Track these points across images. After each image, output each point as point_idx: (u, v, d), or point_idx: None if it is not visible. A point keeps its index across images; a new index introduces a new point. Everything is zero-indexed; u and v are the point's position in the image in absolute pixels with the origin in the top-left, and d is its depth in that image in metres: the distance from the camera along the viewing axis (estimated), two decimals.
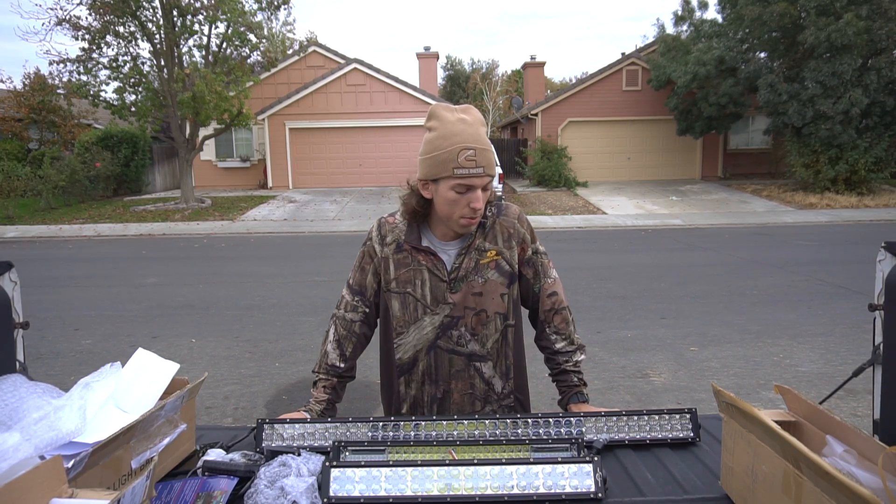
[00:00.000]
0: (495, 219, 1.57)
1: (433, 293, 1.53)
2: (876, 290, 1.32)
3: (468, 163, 1.40)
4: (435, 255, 1.53)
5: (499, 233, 1.56)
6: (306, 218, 14.91)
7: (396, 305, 1.56)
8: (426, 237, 1.56)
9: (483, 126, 1.46)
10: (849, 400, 3.84)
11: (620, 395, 4.08)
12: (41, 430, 1.07)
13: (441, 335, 1.54)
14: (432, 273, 1.53)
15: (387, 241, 1.58)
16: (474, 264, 1.53)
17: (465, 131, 1.41)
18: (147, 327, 5.94)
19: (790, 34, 14.96)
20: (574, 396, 1.60)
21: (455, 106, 1.48)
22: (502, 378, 1.61)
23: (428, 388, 1.59)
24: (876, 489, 0.92)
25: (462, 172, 1.40)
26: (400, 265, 1.55)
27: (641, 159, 21.15)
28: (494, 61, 55.99)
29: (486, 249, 1.54)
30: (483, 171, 1.41)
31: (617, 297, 6.79)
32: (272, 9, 16.16)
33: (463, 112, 1.45)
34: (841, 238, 10.88)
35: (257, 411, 3.95)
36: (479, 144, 1.41)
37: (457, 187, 1.42)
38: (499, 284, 1.54)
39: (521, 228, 1.58)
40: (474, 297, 1.53)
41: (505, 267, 1.55)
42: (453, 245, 1.55)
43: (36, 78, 20.66)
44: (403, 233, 1.56)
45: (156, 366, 1.35)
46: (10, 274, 1.38)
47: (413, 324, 1.55)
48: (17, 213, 15.09)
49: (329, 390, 1.62)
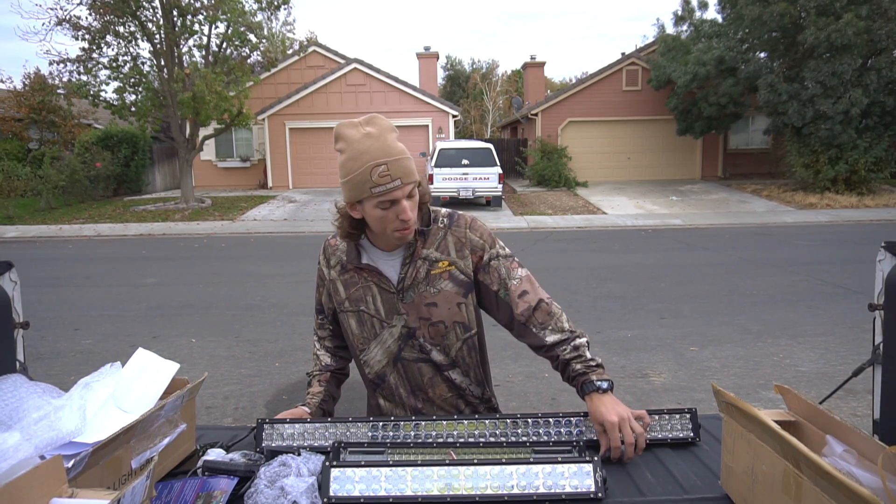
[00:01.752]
0: (447, 230, 1.54)
1: (385, 306, 1.53)
2: (876, 290, 1.32)
3: (383, 179, 1.35)
4: (377, 271, 1.52)
5: (451, 243, 1.53)
6: (306, 218, 14.91)
7: (353, 323, 1.57)
8: (367, 254, 1.55)
9: (392, 133, 1.41)
10: (849, 400, 3.84)
11: (620, 395, 4.04)
12: (41, 430, 1.07)
13: (403, 346, 1.54)
14: (380, 287, 1.52)
15: (331, 263, 1.60)
16: (424, 274, 1.51)
17: (373, 147, 1.36)
18: (147, 327, 5.95)
19: (790, 34, 14.96)
20: (584, 387, 1.40)
21: (357, 120, 1.42)
22: (477, 384, 1.62)
23: (406, 399, 1.59)
24: (876, 489, 0.92)
25: (380, 190, 1.36)
26: (349, 285, 1.56)
27: (641, 159, 21.16)
28: (494, 61, 56.05)
29: (435, 259, 1.51)
30: (401, 182, 1.37)
31: (617, 297, 6.79)
32: (272, 9, 16.17)
33: (367, 125, 1.40)
34: (841, 238, 10.88)
35: (257, 411, 3.95)
36: (390, 156, 1.36)
37: (380, 204, 1.39)
38: (453, 294, 1.52)
39: (472, 236, 1.53)
40: (428, 307, 1.51)
41: (459, 276, 1.52)
42: (396, 255, 1.53)
43: (36, 78, 20.66)
44: (345, 253, 1.56)
45: (156, 366, 1.35)
46: (10, 274, 1.39)
47: (373, 339, 1.56)
48: (17, 213, 15.09)
49: (323, 383, 1.65)
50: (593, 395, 1.38)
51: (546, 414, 1.43)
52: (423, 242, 1.52)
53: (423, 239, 1.52)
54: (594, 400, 1.38)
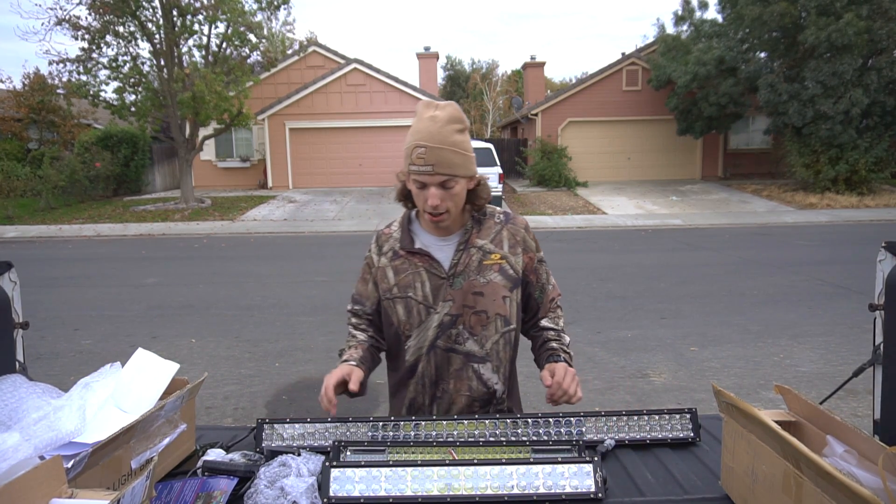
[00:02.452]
0: (503, 225, 1.60)
1: (434, 292, 1.54)
2: (876, 290, 1.32)
3: (418, 160, 1.42)
4: (430, 256, 1.55)
5: (506, 238, 1.59)
6: (306, 218, 14.91)
7: (401, 310, 1.57)
8: (419, 239, 1.59)
9: (454, 124, 1.44)
10: (849, 400, 3.84)
11: (620, 395, 4.07)
12: (41, 431, 1.07)
13: (440, 334, 1.55)
14: (430, 273, 1.55)
15: (383, 250, 1.62)
16: (477, 263, 1.55)
17: (426, 129, 1.42)
18: (147, 327, 5.94)
19: (790, 34, 14.96)
20: (551, 357, 1.58)
21: (438, 102, 1.49)
22: (502, 382, 1.61)
23: (428, 389, 1.60)
24: (876, 489, 0.92)
25: (413, 169, 1.44)
26: (398, 271, 1.57)
27: (641, 159, 21.15)
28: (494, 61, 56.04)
29: (490, 251, 1.56)
30: (432, 170, 1.41)
31: (617, 297, 6.79)
32: (272, 9, 16.16)
33: (438, 108, 1.46)
34: (841, 238, 10.88)
35: (257, 411, 3.95)
36: (433, 143, 1.41)
37: (414, 182, 1.47)
38: (501, 287, 1.55)
39: (528, 238, 1.62)
40: (474, 296, 1.53)
41: (509, 271, 1.57)
42: (450, 240, 1.57)
43: (36, 78, 20.64)
44: (398, 241, 1.59)
45: (156, 366, 1.35)
46: (9, 274, 1.38)
47: (417, 326, 1.57)
48: (16, 213, 15.09)
49: (360, 350, 1.61)
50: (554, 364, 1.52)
51: (546, 414, 1.44)
52: (478, 232, 1.57)
53: (478, 228, 1.58)
54: (552, 367, 1.51)
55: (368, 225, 13.68)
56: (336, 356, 1.66)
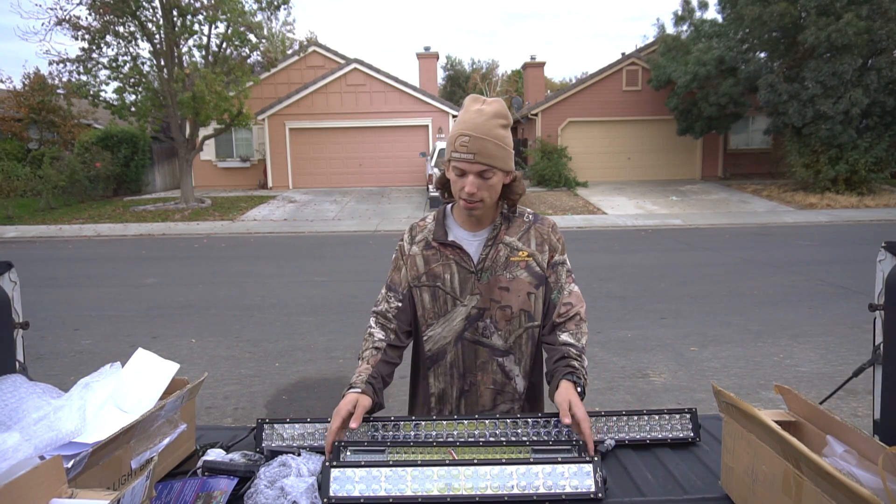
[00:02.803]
0: (531, 224, 1.65)
1: (462, 284, 1.60)
2: (876, 290, 1.32)
3: (461, 148, 1.48)
4: (461, 249, 1.60)
5: (533, 237, 1.63)
6: (306, 218, 14.91)
7: (427, 298, 1.62)
8: (452, 232, 1.64)
9: (498, 119, 1.50)
10: (849, 400, 3.84)
11: (620, 395, 4.08)
12: (41, 431, 1.07)
13: (468, 326, 1.60)
14: (460, 265, 1.60)
15: (416, 239, 1.67)
16: (504, 259, 1.59)
17: (472, 120, 1.48)
18: (147, 327, 5.94)
19: (790, 34, 14.96)
20: (567, 375, 1.47)
21: (486, 98, 1.55)
22: (523, 376, 1.66)
23: (456, 380, 1.64)
24: (876, 489, 0.92)
25: (455, 156, 1.50)
26: (429, 260, 1.63)
27: (641, 159, 21.15)
28: (494, 61, 56.05)
29: (517, 248, 1.61)
30: (473, 158, 1.46)
31: (617, 297, 6.79)
32: (272, 9, 16.16)
33: (485, 103, 1.52)
34: (841, 238, 10.88)
35: (257, 411, 3.95)
36: (477, 133, 1.47)
37: (454, 170, 1.52)
38: (527, 283, 1.60)
39: (553, 238, 1.65)
40: (500, 290, 1.59)
41: (535, 268, 1.61)
42: (480, 235, 1.62)
43: (36, 78, 20.63)
44: (432, 232, 1.65)
45: (156, 366, 1.35)
46: (10, 274, 1.38)
47: (442, 315, 1.61)
48: (17, 213, 15.09)
49: (372, 363, 1.56)
50: (570, 385, 1.44)
51: (546, 414, 1.44)
52: (507, 229, 1.62)
53: (506, 225, 1.62)
54: (569, 388, 1.42)
55: (368, 225, 13.68)
56: (334, 356, 1.66)
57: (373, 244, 10.95)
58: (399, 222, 13.62)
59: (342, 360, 4.80)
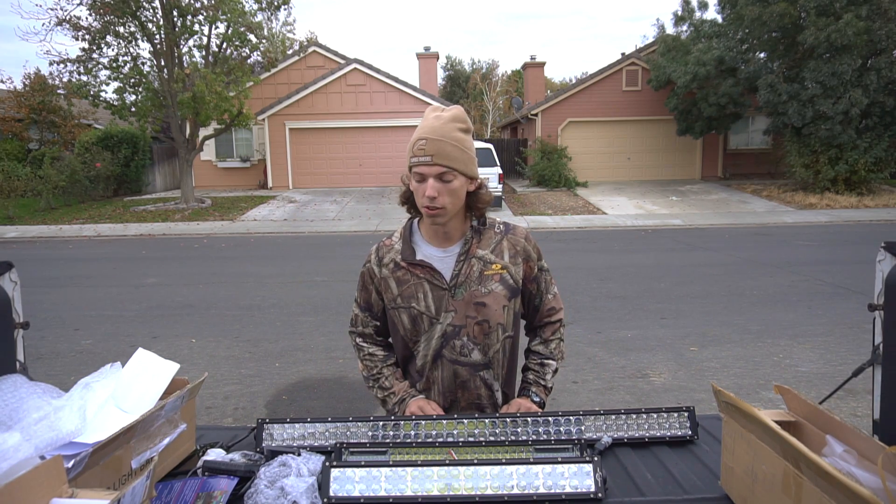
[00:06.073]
0: (503, 236, 1.62)
1: (436, 303, 1.56)
2: (876, 290, 1.32)
3: (419, 151, 1.45)
4: (431, 267, 1.56)
5: (506, 249, 1.60)
6: (306, 218, 14.91)
7: (406, 319, 1.60)
8: (420, 250, 1.60)
9: (456, 122, 1.48)
10: (849, 400, 3.84)
11: (620, 395, 4.08)
12: (41, 431, 1.07)
13: (444, 344, 1.57)
14: (432, 284, 1.56)
15: (384, 261, 1.63)
16: (478, 274, 1.56)
17: (429, 125, 1.46)
18: (147, 327, 5.95)
19: (790, 34, 14.96)
20: (523, 391, 1.69)
21: (444, 107, 1.53)
22: (506, 387, 1.68)
23: (435, 398, 1.63)
24: (876, 489, 0.92)
25: (413, 161, 1.47)
26: (401, 282, 1.59)
27: (641, 159, 21.15)
28: (494, 61, 56.05)
29: (490, 262, 1.58)
30: (431, 160, 1.43)
31: (617, 297, 6.79)
32: (272, 9, 16.16)
33: (444, 110, 1.50)
34: (841, 238, 10.88)
35: (257, 411, 3.95)
36: (435, 135, 1.44)
37: (415, 176, 1.48)
38: (502, 296, 1.57)
39: (528, 247, 1.63)
40: (476, 306, 1.55)
41: (509, 281, 1.59)
42: (451, 251, 1.58)
43: (36, 78, 20.64)
44: (399, 252, 1.61)
45: (156, 366, 1.35)
46: (10, 274, 1.39)
47: (423, 335, 1.59)
48: (17, 213, 15.09)
49: (400, 378, 1.69)
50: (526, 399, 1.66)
51: (546, 413, 1.44)
52: (479, 242, 1.59)
53: (478, 238, 1.59)
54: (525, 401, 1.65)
55: (368, 225, 13.68)
56: (334, 356, 1.69)
57: (373, 244, 10.88)
58: (399, 222, 13.59)
59: (342, 360, 4.80)
